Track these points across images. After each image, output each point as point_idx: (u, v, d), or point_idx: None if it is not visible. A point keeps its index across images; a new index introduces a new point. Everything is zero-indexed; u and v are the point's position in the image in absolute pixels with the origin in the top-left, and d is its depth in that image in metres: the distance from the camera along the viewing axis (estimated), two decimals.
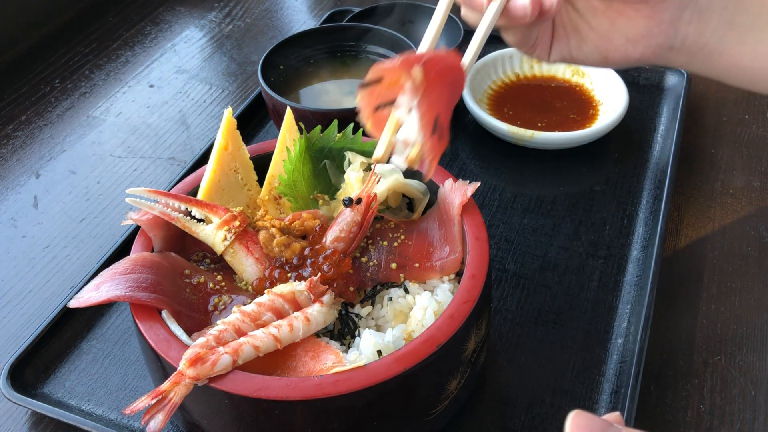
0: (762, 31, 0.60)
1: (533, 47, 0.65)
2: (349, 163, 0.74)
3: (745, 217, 0.90)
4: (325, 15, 1.23)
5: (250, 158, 0.75)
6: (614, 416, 0.42)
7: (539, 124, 1.00)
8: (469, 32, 0.67)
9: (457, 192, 0.67)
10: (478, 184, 0.67)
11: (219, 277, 0.67)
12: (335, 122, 0.75)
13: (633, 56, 0.62)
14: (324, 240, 0.67)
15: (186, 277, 0.66)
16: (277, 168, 0.74)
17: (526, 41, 0.64)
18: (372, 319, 0.66)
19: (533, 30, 0.63)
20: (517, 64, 1.09)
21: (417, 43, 1.00)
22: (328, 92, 1.01)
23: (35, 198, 0.97)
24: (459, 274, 0.67)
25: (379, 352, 0.59)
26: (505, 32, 0.64)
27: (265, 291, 0.63)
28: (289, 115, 0.76)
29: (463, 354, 0.61)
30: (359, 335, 0.63)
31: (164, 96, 1.15)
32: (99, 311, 0.80)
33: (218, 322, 0.60)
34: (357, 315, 0.65)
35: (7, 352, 0.77)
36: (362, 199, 0.68)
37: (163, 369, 0.59)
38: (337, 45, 1.04)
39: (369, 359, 0.59)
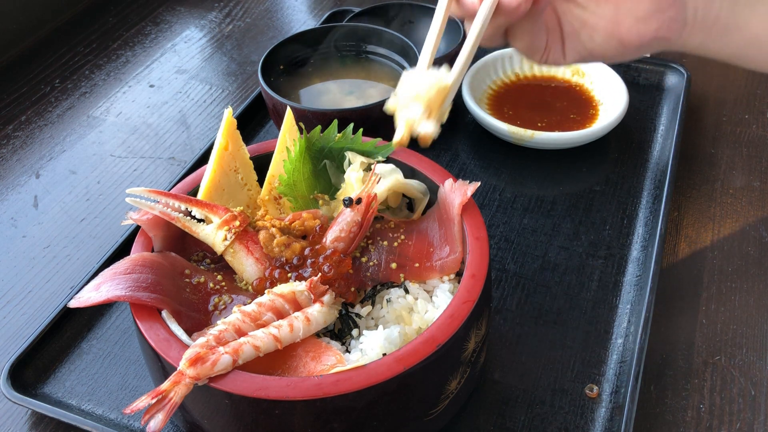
0: None
1: (546, 52, 0.64)
2: (349, 163, 0.74)
3: (745, 217, 0.90)
4: (325, 15, 1.23)
5: (250, 158, 0.75)
6: None
7: (539, 124, 1.00)
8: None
9: (457, 192, 0.67)
10: (478, 184, 0.67)
11: (219, 277, 0.67)
12: (335, 122, 0.75)
13: (647, 34, 0.59)
14: (324, 240, 0.67)
15: (186, 277, 0.66)
16: (277, 168, 0.74)
17: (535, 45, 0.63)
18: (372, 319, 0.66)
19: (538, 30, 0.62)
20: (517, 64, 1.09)
21: (417, 44, 1.00)
22: (328, 92, 1.01)
23: (35, 198, 0.97)
24: (459, 274, 0.67)
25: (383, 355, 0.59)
26: (512, 38, 0.63)
27: (266, 291, 0.63)
28: (289, 115, 0.76)
29: (463, 354, 0.61)
30: (360, 335, 0.63)
31: (164, 96, 1.15)
32: (99, 311, 0.80)
33: (218, 322, 0.60)
34: (357, 315, 0.65)
35: (7, 352, 0.77)
36: (362, 199, 0.68)
37: (163, 369, 0.59)
38: (337, 45, 1.04)
39: (371, 360, 0.59)
